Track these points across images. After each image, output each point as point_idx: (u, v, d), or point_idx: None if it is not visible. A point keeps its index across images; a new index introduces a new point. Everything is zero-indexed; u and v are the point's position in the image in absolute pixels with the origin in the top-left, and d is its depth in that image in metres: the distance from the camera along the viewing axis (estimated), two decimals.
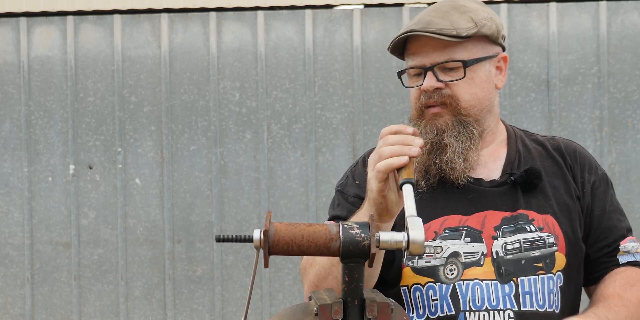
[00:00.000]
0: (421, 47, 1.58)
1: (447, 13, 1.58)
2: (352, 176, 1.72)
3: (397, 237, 1.17)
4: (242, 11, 4.15)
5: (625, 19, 4.05)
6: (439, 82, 1.57)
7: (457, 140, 1.57)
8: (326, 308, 1.16)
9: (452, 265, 1.57)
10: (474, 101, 1.59)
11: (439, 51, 1.56)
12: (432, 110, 1.59)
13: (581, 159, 1.68)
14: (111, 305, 4.21)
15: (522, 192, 1.61)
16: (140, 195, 4.18)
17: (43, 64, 4.24)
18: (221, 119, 4.15)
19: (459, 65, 1.57)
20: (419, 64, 1.59)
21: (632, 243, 1.65)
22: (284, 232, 1.16)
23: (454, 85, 1.57)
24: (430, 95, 1.57)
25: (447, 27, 1.55)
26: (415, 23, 1.57)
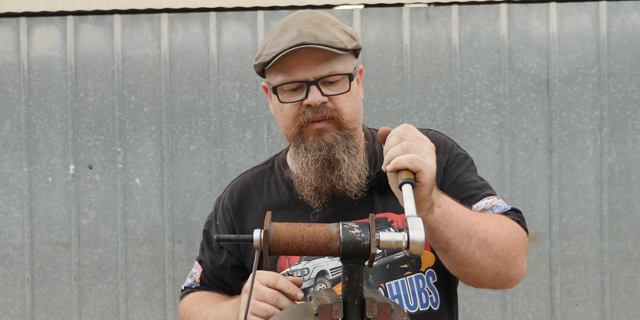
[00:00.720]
0: (301, 60, 1.52)
1: (322, 25, 1.54)
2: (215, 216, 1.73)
3: (397, 237, 1.18)
4: (242, 11, 4.15)
5: (625, 19, 4.05)
6: (324, 96, 1.53)
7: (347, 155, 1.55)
8: (326, 308, 1.16)
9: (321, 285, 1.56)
10: (354, 114, 1.57)
11: (321, 64, 1.52)
12: (316, 126, 1.54)
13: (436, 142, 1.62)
14: (111, 305, 4.21)
15: (378, 195, 1.59)
16: (140, 195, 4.18)
17: (43, 64, 4.24)
18: (221, 119, 4.15)
19: (339, 79, 1.54)
20: (301, 78, 1.52)
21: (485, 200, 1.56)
22: (284, 232, 1.16)
23: (337, 99, 1.54)
24: (317, 109, 1.53)
25: (332, 39, 1.52)
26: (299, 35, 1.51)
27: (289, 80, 1.54)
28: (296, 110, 1.55)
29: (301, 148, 1.56)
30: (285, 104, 1.55)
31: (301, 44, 1.49)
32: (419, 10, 4.10)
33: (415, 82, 4.08)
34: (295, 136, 1.57)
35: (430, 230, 1.39)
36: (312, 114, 1.53)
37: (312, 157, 1.55)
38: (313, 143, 1.55)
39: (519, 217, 1.57)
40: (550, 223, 4.04)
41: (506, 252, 1.45)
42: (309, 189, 1.57)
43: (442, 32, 4.09)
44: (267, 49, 1.55)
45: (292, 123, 1.56)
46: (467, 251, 1.41)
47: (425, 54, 4.09)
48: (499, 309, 4.07)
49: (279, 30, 1.56)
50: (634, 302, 4.06)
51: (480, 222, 1.43)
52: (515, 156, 4.06)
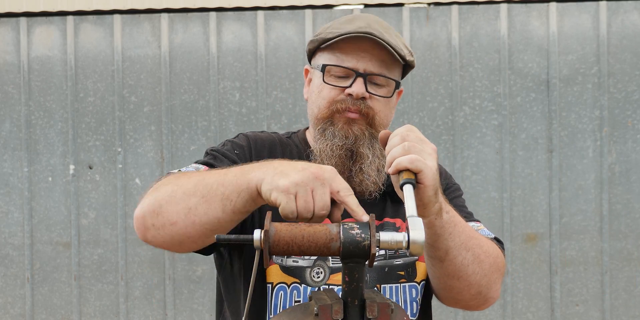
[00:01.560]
0: (361, 50, 1.53)
1: (389, 30, 1.55)
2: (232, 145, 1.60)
3: (397, 237, 1.18)
4: (242, 11, 4.15)
5: (625, 19, 4.05)
6: (367, 93, 1.53)
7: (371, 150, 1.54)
8: (326, 308, 1.16)
9: (319, 268, 1.54)
10: (385, 121, 1.57)
11: (376, 62, 1.53)
12: (352, 115, 1.54)
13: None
14: (111, 305, 4.21)
15: (391, 202, 1.59)
16: (140, 195, 4.18)
17: (43, 64, 4.24)
18: (221, 119, 4.15)
19: (386, 83, 1.55)
20: (352, 67, 1.53)
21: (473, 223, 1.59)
22: (284, 232, 1.16)
23: (376, 100, 1.54)
24: (356, 101, 1.53)
25: (398, 45, 1.53)
26: (367, 26, 1.51)
27: (341, 64, 1.54)
28: (335, 95, 1.55)
29: (328, 132, 1.55)
30: (327, 86, 1.55)
31: (369, 33, 1.49)
32: (419, 10, 4.10)
33: (415, 82, 4.08)
34: (325, 119, 1.56)
35: (435, 236, 1.38)
36: (352, 104, 1.53)
37: (338, 142, 1.53)
38: (341, 130, 1.54)
39: (502, 246, 1.59)
40: (550, 223, 4.04)
41: (491, 272, 1.46)
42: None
43: (442, 32, 4.09)
44: (330, 29, 1.55)
45: (326, 105, 1.55)
46: (462, 264, 1.41)
47: (425, 54, 4.09)
48: (499, 309, 4.07)
49: (345, 19, 1.56)
50: (634, 302, 4.06)
51: (478, 238, 1.45)
52: (515, 156, 4.06)
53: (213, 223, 1.30)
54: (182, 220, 1.32)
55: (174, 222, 1.33)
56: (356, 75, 1.52)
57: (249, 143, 1.60)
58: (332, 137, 1.54)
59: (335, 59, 1.55)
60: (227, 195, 1.28)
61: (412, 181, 1.32)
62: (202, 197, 1.30)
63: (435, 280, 1.50)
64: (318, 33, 1.59)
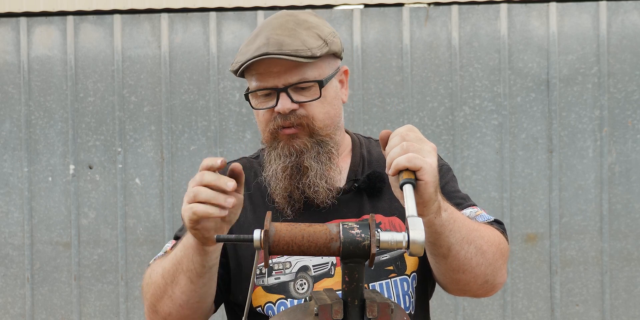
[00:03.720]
0: (270, 67, 1.51)
1: (294, 31, 1.53)
2: None
3: (397, 237, 1.18)
4: (242, 11, 4.15)
5: (625, 19, 4.05)
6: (294, 104, 1.52)
7: (317, 162, 1.54)
8: (326, 308, 1.16)
9: (302, 280, 1.55)
10: (327, 120, 1.56)
11: (290, 71, 1.51)
12: (287, 131, 1.54)
13: None
14: (111, 305, 4.21)
15: (367, 197, 1.59)
16: (140, 195, 4.18)
17: (43, 64, 4.24)
18: (221, 119, 4.15)
19: (312, 85, 1.53)
20: (270, 85, 1.52)
21: (470, 209, 1.60)
22: (284, 232, 1.16)
23: (309, 106, 1.53)
24: (286, 116, 1.53)
25: (300, 47, 1.50)
26: (265, 44, 1.50)
27: (259, 87, 1.54)
28: (268, 116, 1.55)
29: (273, 154, 1.57)
30: (259, 111, 1.56)
31: (264, 54, 1.49)
32: (419, 10, 4.10)
33: (415, 82, 4.08)
34: (269, 141, 1.57)
35: (435, 235, 1.38)
36: (282, 121, 1.53)
37: (282, 164, 1.55)
38: (284, 149, 1.55)
39: (502, 228, 1.59)
40: (550, 223, 4.04)
41: (495, 260, 1.46)
42: (281, 195, 1.57)
43: (442, 32, 4.09)
44: (239, 55, 1.55)
45: (264, 129, 1.57)
46: (465, 257, 1.41)
47: (425, 54, 4.09)
48: (499, 309, 4.07)
49: (253, 35, 1.56)
50: (634, 302, 4.06)
51: (477, 229, 1.44)
52: (515, 156, 4.06)
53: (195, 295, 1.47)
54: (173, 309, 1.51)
55: (169, 313, 1.52)
56: (277, 92, 1.52)
57: None
58: (276, 159, 1.56)
59: (255, 83, 1.55)
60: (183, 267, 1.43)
61: (411, 181, 1.32)
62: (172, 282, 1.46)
63: (440, 276, 1.50)
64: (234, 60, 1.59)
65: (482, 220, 1.57)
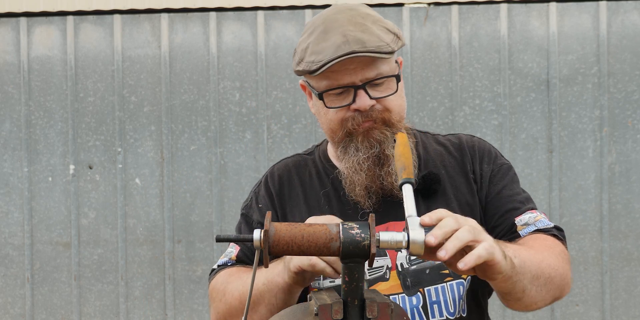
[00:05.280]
0: (346, 64, 1.47)
1: (365, 26, 1.49)
2: (256, 199, 1.66)
3: (397, 237, 1.18)
4: (242, 11, 4.15)
5: (625, 19, 4.05)
6: (373, 100, 1.50)
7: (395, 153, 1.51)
8: (326, 308, 1.15)
9: None
10: (402, 112, 1.56)
11: (367, 67, 1.48)
12: (365, 125, 1.51)
13: (479, 152, 1.64)
14: (111, 305, 4.21)
15: (422, 199, 1.55)
16: (140, 195, 4.18)
17: (43, 64, 4.23)
18: (221, 119, 4.15)
19: (386, 79, 1.51)
20: (347, 83, 1.48)
21: (528, 214, 1.56)
22: (284, 232, 1.16)
23: (385, 100, 1.51)
24: (366, 113, 1.50)
25: (379, 43, 1.47)
26: (345, 42, 1.46)
27: (335, 86, 1.50)
28: (343, 115, 1.52)
29: (351, 148, 1.53)
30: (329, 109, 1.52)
31: (350, 52, 1.44)
32: (419, 10, 4.10)
33: (415, 82, 4.08)
34: (343, 139, 1.53)
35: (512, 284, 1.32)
36: (362, 118, 1.50)
37: (363, 155, 1.51)
38: (363, 142, 1.52)
39: (562, 235, 1.55)
40: None
41: (561, 279, 1.43)
42: (360, 188, 1.53)
43: (442, 32, 4.09)
44: (310, 54, 1.50)
45: (338, 127, 1.53)
46: (537, 292, 1.38)
47: (425, 54, 4.09)
48: (498, 309, 4.07)
49: (319, 32, 1.51)
50: (634, 302, 4.06)
51: (543, 259, 1.40)
52: (515, 156, 4.06)
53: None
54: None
55: None
56: (355, 89, 1.49)
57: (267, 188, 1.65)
58: (355, 151, 1.52)
59: (327, 82, 1.50)
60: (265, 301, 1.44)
61: (411, 181, 1.32)
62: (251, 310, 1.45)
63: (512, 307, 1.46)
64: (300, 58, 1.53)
65: (541, 226, 1.53)
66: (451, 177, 1.59)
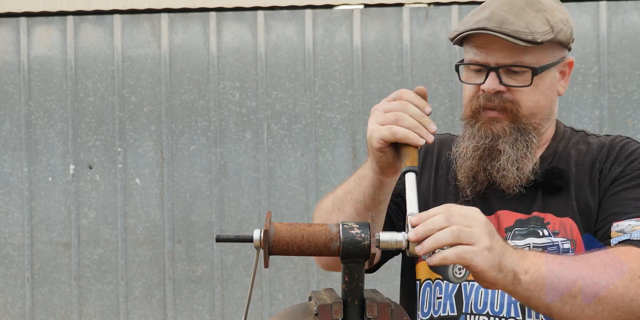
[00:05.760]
0: (488, 43, 1.44)
1: (522, 10, 1.44)
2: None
3: (397, 237, 1.17)
4: (242, 11, 4.15)
5: (625, 19, 4.05)
6: (502, 86, 1.45)
7: (512, 147, 1.47)
8: (326, 308, 1.15)
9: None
10: (535, 109, 1.50)
11: (506, 52, 1.44)
12: (489, 114, 1.47)
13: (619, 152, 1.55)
14: (111, 305, 4.21)
15: (542, 194, 1.50)
16: (140, 195, 4.18)
17: (43, 64, 4.23)
18: (221, 119, 4.15)
19: (526, 70, 1.45)
20: (483, 61, 1.46)
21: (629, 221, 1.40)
22: (284, 232, 1.16)
23: (517, 91, 1.46)
24: (490, 97, 1.46)
25: (522, 29, 1.41)
26: (487, 18, 1.43)
27: (472, 61, 1.48)
28: (474, 93, 1.49)
29: (468, 132, 1.50)
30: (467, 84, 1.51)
31: (482, 28, 1.42)
32: (419, 10, 4.10)
33: (415, 82, 4.08)
34: (469, 118, 1.51)
35: (524, 300, 1.25)
36: (484, 101, 1.47)
37: (474, 144, 1.48)
38: (480, 130, 1.48)
39: None
40: None
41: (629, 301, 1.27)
42: (465, 175, 1.51)
43: (442, 32, 4.09)
44: (460, 24, 1.49)
45: (467, 104, 1.51)
46: (574, 311, 1.26)
47: (425, 54, 4.09)
48: None
49: (480, 7, 1.49)
50: None
51: (587, 276, 1.26)
52: None
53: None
54: None
55: None
56: (487, 70, 1.46)
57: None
58: (471, 138, 1.50)
59: (471, 55, 1.49)
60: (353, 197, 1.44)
61: (415, 169, 1.30)
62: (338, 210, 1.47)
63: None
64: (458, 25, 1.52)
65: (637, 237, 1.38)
66: (578, 176, 1.51)
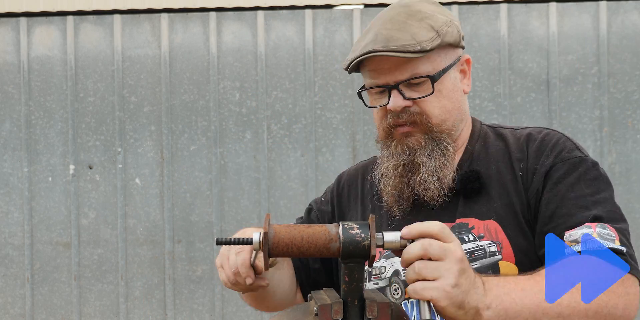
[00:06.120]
0: (381, 64, 1.46)
1: (404, 23, 1.46)
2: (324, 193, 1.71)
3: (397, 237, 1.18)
4: (242, 11, 4.15)
5: (625, 19, 4.05)
6: (406, 101, 1.46)
7: (430, 158, 1.47)
8: (326, 308, 1.15)
9: (395, 285, 1.49)
10: (445, 115, 1.51)
11: (400, 67, 1.45)
12: (401, 130, 1.48)
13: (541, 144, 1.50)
14: (111, 305, 4.21)
15: (464, 199, 1.49)
16: (140, 195, 4.18)
17: (43, 64, 4.23)
18: (221, 119, 4.15)
19: (425, 80, 1.47)
20: (382, 82, 1.47)
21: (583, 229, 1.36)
22: (283, 233, 1.16)
23: (422, 102, 1.47)
24: (398, 114, 1.47)
25: (408, 41, 1.43)
26: (373, 40, 1.44)
27: (372, 84, 1.49)
28: (382, 114, 1.50)
29: (385, 152, 1.52)
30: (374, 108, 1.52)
31: (370, 51, 1.43)
32: None
33: None
34: (384, 139, 1.52)
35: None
36: (394, 119, 1.48)
37: (394, 162, 1.49)
38: (397, 147, 1.50)
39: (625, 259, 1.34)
40: None
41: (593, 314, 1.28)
42: (390, 195, 1.51)
43: None
44: (351, 52, 1.50)
45: (379, 127, 1.52)
46: None
47: None
48: None
49: (366, 30, 1.51)
50: None
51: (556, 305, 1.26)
52: None
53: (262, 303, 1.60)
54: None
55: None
56: (388, 89, 1.47)
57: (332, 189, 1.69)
58: (389, 157, 1.51)
59: (369, 80, 1.50)
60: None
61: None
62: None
63: None
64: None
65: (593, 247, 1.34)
66: (500, 175, 1.50)
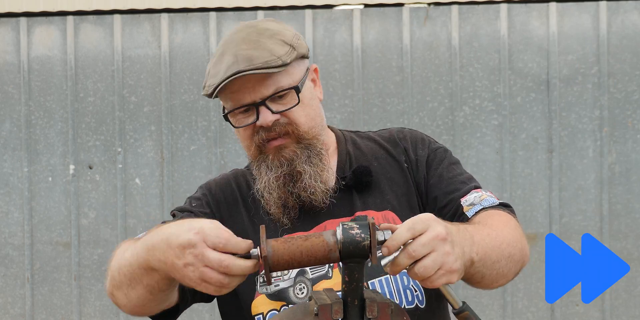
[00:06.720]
0: (245, 83, 1.50)
1: (257, 42, 1.52)
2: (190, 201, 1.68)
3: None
4: (242, 11, 4.15)
5: (625, 19, 4.05)
6: (275, 115, 1.52)
7: (309, 165, 1.54)
8: (326, 308, 1.16)
9: (301, 284, 1.53)
10: (311, 122, 1.56)
11: (264, 83, 1.51)
12: (274, 143, 1.54)
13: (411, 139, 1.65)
14: (111, 305, 4.21)
15: (357, 194, 1.58)
16: (140, 195, 4.18)
17: (43, 64, 4.23)
18: (221, 119, 4.15)
19: (288, 92, 1.53)
20: (248, 101, 1.52)
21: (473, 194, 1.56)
22: (282, 251, 1.16)
23: (289, 113, 1.53)
24: (269, 128, 1.52)
25: (269, 57, 1.49)
26: (235, 62, 1.49)
27: (237, 106, 1.53)
28: (251, 132, 1.55)
29: (263, 167, 1.56)
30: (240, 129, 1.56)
31: (237, 72, 1.47)
32: (419, 10, 4.10)
33: (415, 82, 4.08)
34: (257, 156, 1.56)
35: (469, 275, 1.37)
36: (266, 134, 1.53)
37: (274, 174, 1.54)
38: (274, 161, 1.54)
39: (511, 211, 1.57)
40: (550, 223, 4.04)
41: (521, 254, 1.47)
42: (276, 206, 1.56)
43: (442, 32, 4.09)
44: (209, 78, 1.54)
45: (250, 144, 1.56)
46: (498, 273, 1.42)
47: (425, 54, 4.09)
48: (499, 309, 4.07)
49: (218, 54, 1.54)
50: (634, 302, 4.06)
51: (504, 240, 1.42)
52: (515, 156, 4.06)
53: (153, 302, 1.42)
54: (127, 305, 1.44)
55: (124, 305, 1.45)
56: (256, 106, 1.52)
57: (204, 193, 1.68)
58: (268, 171, 1.55)
59: (231, 103, 1.54)
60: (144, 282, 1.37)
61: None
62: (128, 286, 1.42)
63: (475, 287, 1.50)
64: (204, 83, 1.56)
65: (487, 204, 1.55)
66: (384, 169, 1.61)
